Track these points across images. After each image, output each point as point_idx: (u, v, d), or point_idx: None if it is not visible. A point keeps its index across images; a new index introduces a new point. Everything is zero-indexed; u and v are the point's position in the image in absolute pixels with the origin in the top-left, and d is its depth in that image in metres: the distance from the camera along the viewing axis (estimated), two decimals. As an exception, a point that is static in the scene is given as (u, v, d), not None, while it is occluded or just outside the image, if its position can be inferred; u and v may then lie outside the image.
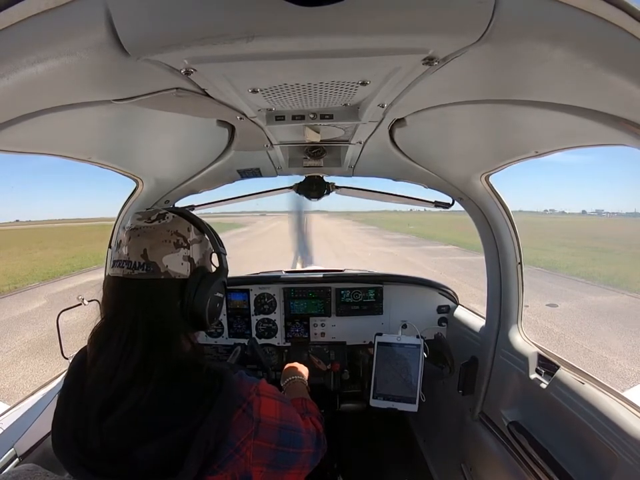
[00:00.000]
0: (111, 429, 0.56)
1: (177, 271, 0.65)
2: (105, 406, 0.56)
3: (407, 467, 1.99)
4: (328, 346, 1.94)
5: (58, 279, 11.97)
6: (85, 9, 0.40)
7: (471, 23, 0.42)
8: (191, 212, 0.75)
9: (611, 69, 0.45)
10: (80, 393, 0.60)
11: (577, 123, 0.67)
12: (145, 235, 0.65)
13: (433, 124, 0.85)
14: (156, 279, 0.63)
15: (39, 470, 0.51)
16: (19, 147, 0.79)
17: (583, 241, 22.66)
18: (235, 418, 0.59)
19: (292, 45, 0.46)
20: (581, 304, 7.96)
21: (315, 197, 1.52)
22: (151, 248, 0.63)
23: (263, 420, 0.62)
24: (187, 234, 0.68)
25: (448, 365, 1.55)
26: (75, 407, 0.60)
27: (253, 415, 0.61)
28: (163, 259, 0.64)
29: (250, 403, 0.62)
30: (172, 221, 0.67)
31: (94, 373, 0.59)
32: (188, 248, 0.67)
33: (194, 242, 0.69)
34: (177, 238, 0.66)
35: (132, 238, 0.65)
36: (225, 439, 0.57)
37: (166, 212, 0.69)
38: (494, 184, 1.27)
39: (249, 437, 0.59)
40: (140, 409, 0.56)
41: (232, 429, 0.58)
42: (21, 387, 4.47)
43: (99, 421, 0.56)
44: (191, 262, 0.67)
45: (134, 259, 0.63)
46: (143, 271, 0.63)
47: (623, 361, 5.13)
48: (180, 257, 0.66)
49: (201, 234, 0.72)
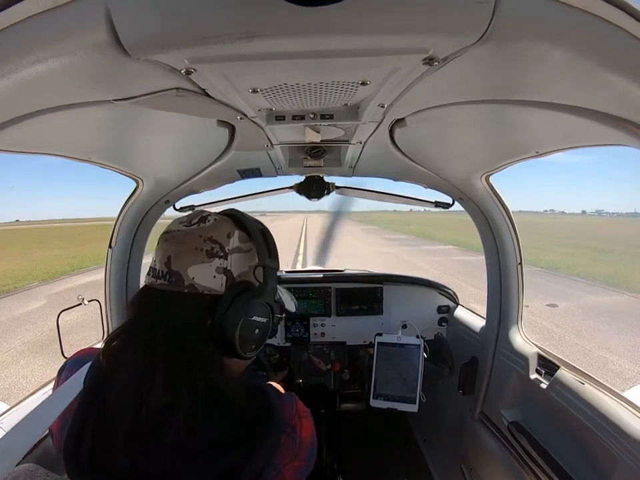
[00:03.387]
0: (146, 454, 0.50)
1: (205, 284, 0.55)
2: (135, 430, 0.50)
3: (407, 467, 1.99)
4: (328, 346, 1.94)
5: (58, 279, 11.96)
6: (85, 9, 0.40)
7: (471, 22, 0.42)
8: (246, 214, 0.63)
9: (611, 69, 0.45)
10: (99, 407, 0.53)
11: (577, 123, 0.67)
12: (173, 240, 0.58)
13: (433, 124, 0.85)
14: (177, 292, 0.55)
15: (39, 470, 0.51)
16: (19, 147, 0.79)
17: (583, 241, 22.66)
18: (281, 443, 0.55)
19: (292, 45, 0.46)
20: (581, 304, 7.95)
21: (315, 197, 1.52)
22: (176, 255, 0.56)
23: (304, 442, 0.59)
24: (226, 241, 0.58)
25: (448, 365, 1.55)
26: (94, 423, 0.53)
27: (296, 438, 0.58)
28: (188, 270, 0.55)
29: (294, 427, 0.58)
30: (211, 225, 0.58)
31: (115, 391, 0.52)
32: (225, 258, 0.57)
33: (235, 251, 0.58)
34: (211, 245, 0.56)
35: (161, 243, 0.59)
36: (270, 463, 0.54)
37: (210, 214, 0.60)
38: (494, 184, 1.27)
39: (290, 460, 0.56)
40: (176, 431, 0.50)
41: (278, 453, 0.55)
42: (21, 386, 4.47)
43: (128, 446, 0.50)
44: (227, 275, 0.57)
45: (158, 267, 0.57)
46: (164, 281, 0.55)
47: (623, 361, 5.12)
48: (212, 268, 0.56)
49: (249, 242, 0.61)
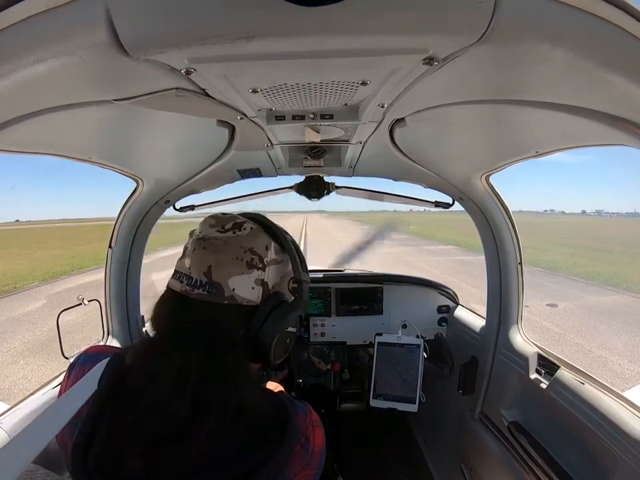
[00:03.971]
0: (162, 459, 0.50)
1: (245, 296, 0.56)
2: (155, 437, 0.50)
3: (407, 467, 1.99)
4: (328, 346, 1.94)
5: (58, 279, 11.97)
6: (85, 9, 0.40)
7: (471, 23, 0.42)
8: (274, 223, 0.63)
9: (611, 69, 0.45)
10: (115, 410, 0.52)
11: (577, 123, 0.67)
12: (212, 248, 0.56)
13: (433, 124, 0.85)
14: (218, 304, 0.54)
15: (39, 470, 0.51)
16: (19, 147, 0.79)
17: (583, 241, 22.66)
18: (294, 452, 0.55)
19: (292, 45, 0.46)
20: (581, 304, 7.96)
21: (315, 197, 1.52)
22: (217, 265, 0.55)
23: (315, 451, 0.59)
24: (265, 253, 0.57)
25: (448, 364, 1.55)
26: (108, 425, 0.52)
27: (309, 448, 0.57)
28: (229, 281, 0.54)
29: (307, 437, 0.58)
30: (249, 234, 0.58)
31: (143, 403, 0.51)
32: (263, 270, 0.57)
33: (272, 263, 0.58)
34: (251, 257, 0.56)
35: (197, 249, 0.56)
36: (282, 472, 0.53)
37: (244, 220, 0.59)
38: (494, 184, 1.27)
39: (302, 469, 0.56)
40: (199, 442, 0.50)
41: (290, 462, 0.54)
42: (21, 386, 4.47)
43: (146, 450, 0.49)
44: (264, 286, 0.57)
45: (195, 276, 0.55)
46: (203, 291, 0.54)
47: (623, 361, 5.13)
48: (252, 280, 0.56)
49: (282, 253, 0.61)
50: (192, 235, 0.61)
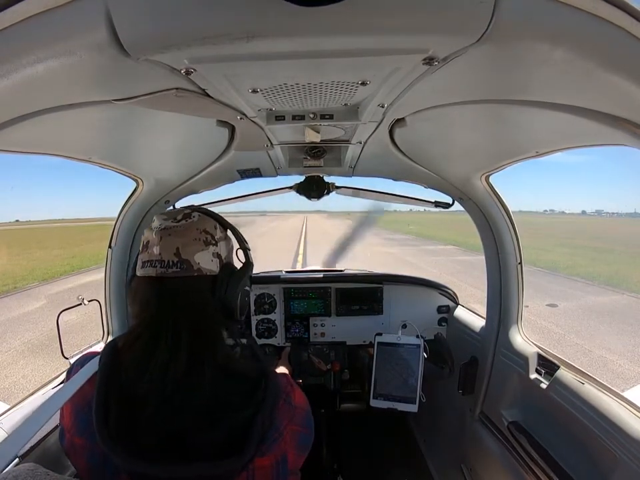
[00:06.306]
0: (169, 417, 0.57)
1: (208, 267, 0.67)
2: (162, 403, 0.58)
3: (407, 467, 1.99)
4: (328, 346, 1.94)
5: (58, 278, 11.96)
6: (85, 9, 0.40)
7: (471, 23, 0.42)
8: (210, 210, 0.77)
9: (611, 69, 0.45)
10: (119, 380, 0.60)
11: (576, 123, 0.67)
12: (176, 234, 0.67)
13: (433, 124, 0.85)
14: (190, 276, 0.65)
15: (39, 469, 0.51)
16: (19, 147, 0.79)
17: (583, 241, 22.66)
18: (279, 406, 0.65)
19: (292, 45, 0.46)
20: (581, 304, 7.96)
21: (315, 197, 1.52)
22: (184, 246, 0.65)
23: (298, 407, 0.69)
24: (215, 232, 0.71)
25: (448, 365, 1.55)
26: (118, 394, 0.59)
27: (292, 402, 0.68)
28: (195, 257, 0.66)
29: (288, 393, 0.69)
30: (199, 220, 0.70)
31: (147, 379, 0.59)
32: (216, 245, 0.70)
33: (221, 239, 0.72)
34: (205, 236, 0.68)
35: (163, 237, 0.66)
36: (272, 424, 0.62)
37: (191, 211, 0.71)
38: (494, 184, 1.27)
39: (289, 422, 0.65)
40: (200, 396, 0.59)
41: (277, 415, 0.64)
42: (21, 386, 4.47)
43: (154, 416, 0.57)
44: (219, 258, 0.70)
45: (167, 258, 0.65)
46: (177, 269, 0.65)
47: (623, 361, 5.13)
48: (210, 254, 0.68)
49: (225, 231, 0.75)
50: (149, 230, 0.70)
